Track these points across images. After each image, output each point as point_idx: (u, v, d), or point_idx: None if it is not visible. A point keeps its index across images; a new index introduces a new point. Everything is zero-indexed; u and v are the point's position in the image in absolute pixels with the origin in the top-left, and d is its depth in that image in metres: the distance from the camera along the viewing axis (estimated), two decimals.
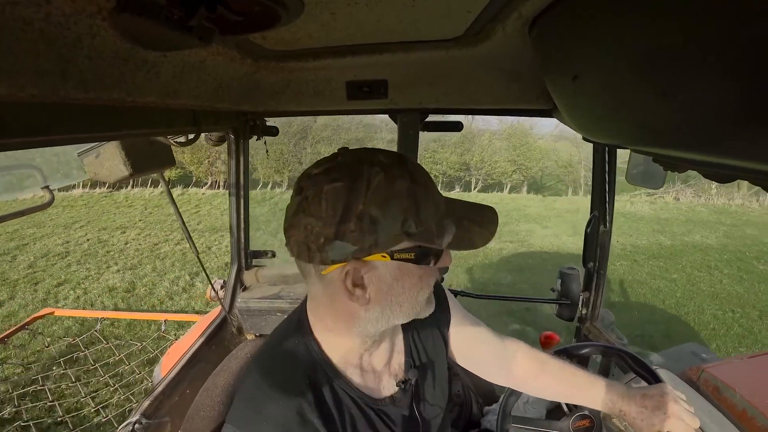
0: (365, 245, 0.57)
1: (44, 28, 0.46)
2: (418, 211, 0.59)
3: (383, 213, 0.56)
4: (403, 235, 0.58)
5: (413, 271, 0.63)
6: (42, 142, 0.60)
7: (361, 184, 0.57)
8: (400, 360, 0.80)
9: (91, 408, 2.85)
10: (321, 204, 0.57)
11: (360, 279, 0.61)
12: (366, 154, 0.62)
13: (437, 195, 0.65)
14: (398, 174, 0.59)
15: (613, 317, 1.82)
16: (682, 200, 12.98)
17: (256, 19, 0.55)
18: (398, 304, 0.65)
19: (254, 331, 1.77)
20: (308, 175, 0.62)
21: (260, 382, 0.69)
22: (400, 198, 0.58)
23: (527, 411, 1.28)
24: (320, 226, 0.57)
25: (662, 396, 0.86)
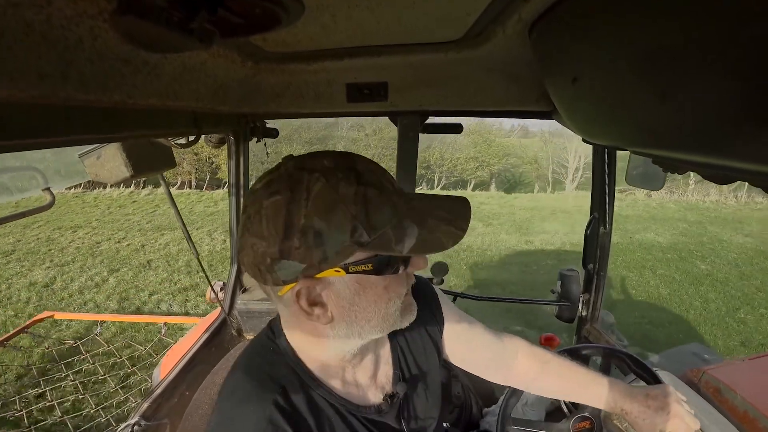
0: (314, 261, 0.53)
1: (45, 30, 0.46)
2: (369, 217, 0.53)
3: (327, 224, 0.52)
4: (354, 246, 0.53)
5: (376, 282, 0.58)
6: (43, 143, 0.60)
7: (300, 195, 0.52)
8: (388, 372, 0.76)
9: (91, 409, 2.84)
10: (262, 222, 0.53)
11: (317, 297, 0.57)
12: (309, 161, 0.56)
13: (394, 194, 0.58)
14: (342, 177, 0.54)
15: (614, 319, 1.82)
16: (654, 196, 12.97)
17: (257, 21, 0.55)
18: (365, 319, 0.60)
19: (254, 332, 1.77)
20: (251, 191, 0.58)
21: (233, 391, 0.66)
22: (345, 204, 0.52)
23: (527, 413, 1.28)
24: (264, 245, 0.53)
25: (666, 396, 0.85)
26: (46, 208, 0.99)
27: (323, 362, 0.68)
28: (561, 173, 17.02)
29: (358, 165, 0.57)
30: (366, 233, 0.53)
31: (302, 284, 0.56)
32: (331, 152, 0.59)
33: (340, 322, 0.60)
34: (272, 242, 0.53)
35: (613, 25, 0.44)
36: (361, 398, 0.71)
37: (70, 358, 3.35)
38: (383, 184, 0.57)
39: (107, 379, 3.16)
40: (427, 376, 0.82)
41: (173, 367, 1.44)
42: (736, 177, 0.41)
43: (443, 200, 0.63)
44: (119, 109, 0.71)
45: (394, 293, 0.61)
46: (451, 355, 0.92)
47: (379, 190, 0.55)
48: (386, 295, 0.60)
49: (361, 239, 0.53)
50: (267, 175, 0.58)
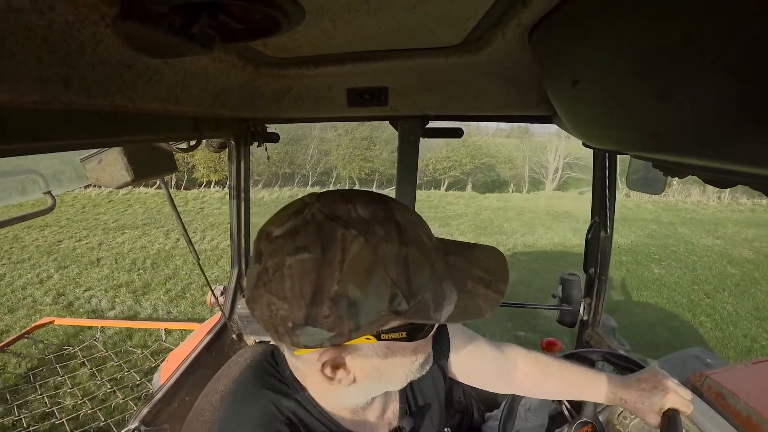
0: (344, 330, 0.47)
1: (47, 36, 0.46)
2: (410, 283, 0.47)
3: (364, 292, 0.45)
4: (391, 315, 0.47)
5: (406, 347, 0.54)
6: (44, 147, 0.60)
7: (333, 256, 0.45)
8: (395, 407, 0.74)
9: (91, 415, 2.83)
10: (284, 282, 0.46)
11: (341, 360, 0.53)
12: (341, 207, 0.48)
13: (432, 251, 0.52)
14: (383, 234, 0.47)
15: (615, 323, 1.82)
16: (633, 197, 12.88)
17: (258, 26, 0.55)
18: (388, 379, 0.57)
19: (255, 336, 1.77)
20: (267, 236, 0.50)
21: (236, 419, 0.62)
22: (385, 268, 0.46)
23: (529, 418, 1.27)
24: (285, 308, 0.46)
25: (654, 376, 0.89)
26: (47, 212, 0.99)
27: (334, 406, 0.65)
28: (541, 173, 16.93)
29: (397, 215, 0.50)
30: (405, 301, 0.47)
31: (328, 353, 0.51)
32: (363, 194, 0.52)
33: (362, 383, 0.56)
34: (296, 307, 0.46)
35: (613, 27, 0.44)
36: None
37: (68, 363, 3.35)
38: (422, 240, 0.51)
39: (106, 384, 3.14)
40: (432, 406, 0.81)
41: (173, 372, 1.43)
42: (737, 180, 0.41)
43: (479, 254, 0.59)
44: (120, 114, 0.71)
45: (422, 353, 0.58)
46: (457, 374, 0.93)
47: (419, 249, 0.49)
48: (414, 356, 0.57)
49: (399, 308, 0.47)
50: (288, 218, 0.49)
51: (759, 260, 7.27)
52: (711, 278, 6.31)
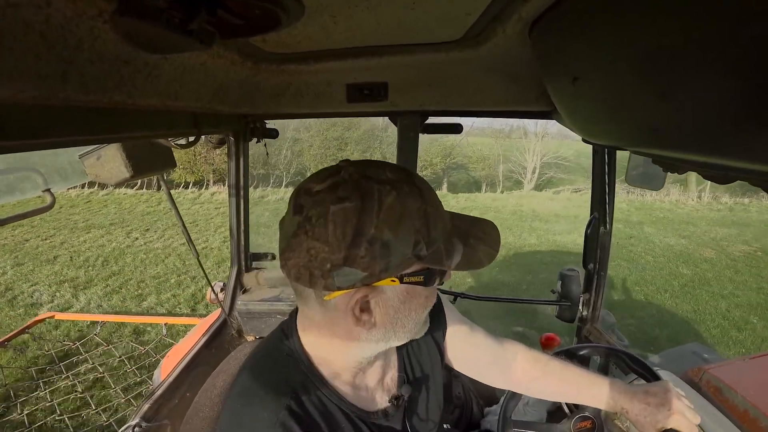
0: (375, 270, 0.53)
1: (45, 31, 0.46)
2: (429, 232, 0.56)
3: (395, 236, 0.53)
4: (414, 258, 0.55)
5: (420, 293, 0.61)
6: (43, 144, 0.60)
7: (372, 205, 0.52)
8: (394, 375, 0.78)
9: (91, 410, 2.84)
10: (327, 226, 0.52)
11: (366, 304, 0.58)
12: (372, 170, 0.57)
13: (444, 211, 0.62)
14: (409, 192, 0.55)
15: (614, 318, 1.82)
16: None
17: (257, 22, 0.55)
18: (402, 326, 0.62)
19: (254, 333, 1.77)
20: (308, 191, 0.56)
21: (245, 394, 0.66)
22: (411, 219, 0.54)
23: (528, 413, 1.28)
24: (326, 251, 0.52)
25: (665, 393, 0.85)
26: (46, 209, 0.99)
27: (338, 368, 0.68)
28: (519, 173, 16.85)
29: (416, 181, 0.59)
30: (426, 247, 0.55)
31: (360, 293, 0.57)
32: (385, 163, 0.60)
33: (379, 328, 0.61)
34: (337, 248, 0.52)
35: (614, 24, 0.44)
36: (370, 402, 0.72)
37: (69, 359, 3.35)
38: (436, 201, 0.60)
39: (107, 380, 3.15)
40: (430, 378, 0.83)
41: (174, 368, 1.44)
42: (736, 177, 0.41)
43: (477, 221, 0.69)
44: (119, 110, 0.71)
45: (429, 303, 0.65)
46: (453, 360, 0.93)
47: (434, 207, 0.59)
48: (425, 304, 0.64)
49: (421, 253, 0.55)
50: (327, 177, 0.56)
51: (719, 260, 7.10)
52: (658, 279, 6.14)
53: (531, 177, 16.34)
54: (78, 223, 8.56)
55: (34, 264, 6.11)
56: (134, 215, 9.40)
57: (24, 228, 7.94)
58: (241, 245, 1.74)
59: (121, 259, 6.41)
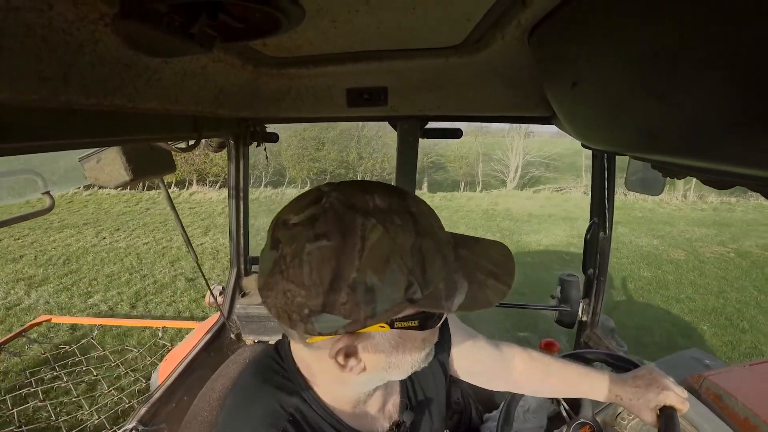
0: (360, 317, 0.47)
1: (47, 34, 0.46)
2: (425, 272, 0.49)
3: (381, 279, 0.46)
4: (406, 303, 0.49)
5: (416, 336, 0.56)
6: (43, 147, 0.60)
7: (353, 244, 0.46)
8: (396, 400, 0.75)
9: (86, 413, 2.82)
10: (303, 268, 0.46)
11: (353, 349, 0.53)
12: (359, 197, 0.50)
13: (445, 242, 0.54)
14: (400, 224, 0.48)
15: (613, 324, 1.82)
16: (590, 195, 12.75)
17: (257, 26, 0.55)
18: (396, 367, 0.58)
19: (253, 337, 1.76)
20: (285, 224, 0.50)
21: (240, 415, 0.62)
22: (402, 258, 0.47)
23: (528, 419, 1.27)
24: (303, 295, 0.47)
25: (650, 373, 0.90)
26: (46, 212, 0.99)
27: (336, 396, 0.65)
28: (502, 172, 16.74)
29: (412, 206, 0.51)
30: (420, 290, 0.49)
31: (343, 341, 0.52)
32: (379, 185, 0.53)
33: (371, 372, 0.57)
34: (314, 294, 0.47)
35: (612, 29, 0.44)
36: (370, 428, 0.70)
37: (66, 361, 3.34)
38: (435, 231, 0.53)
39: (103, 383, 3.14)
40: (433, 401, 0.81)
41: (172, 371, 1.43)
42: (736, 182, 0.41)
43: (487, 248, 0.60)
44: (120, 113, 0.71)
45: (428, 343, 0.59)
46: (458, 371, 0.93)
47: (433, 240, 0.51)
48: (422, 346, 0.58)
49: (414, 296, 0.49)
50: (306, 206, 0.50)
51: (686, 261, 6.96)
52: (615, 281, 5.99)
53: (514, 176, 16.26)
54: (53, 223, 8.59)
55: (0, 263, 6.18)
56: (110, 215, 9.43)
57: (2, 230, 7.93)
58: (240, 248, 1.73)
59: (83, 258, 6.49)
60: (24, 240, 7.34)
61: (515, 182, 16.03)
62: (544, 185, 14.66)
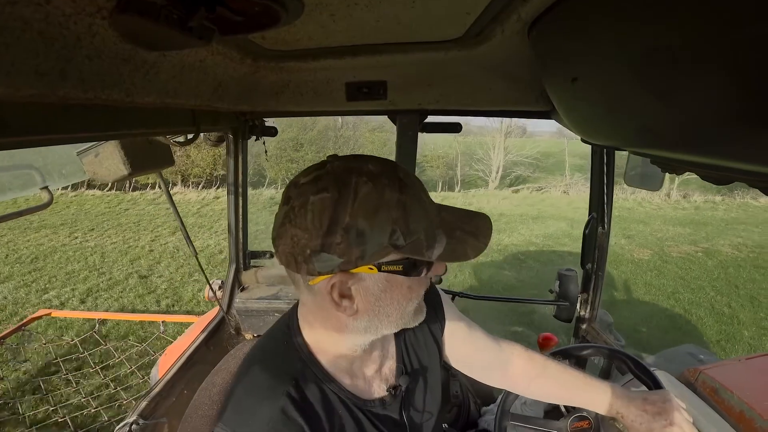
0: (352, 258, 0.56)
1: (44, 28, 0.46)
2: (408, 223, 0.57)
3: (370, 225, 0.55)
4: (390, 248, 0.57)
5: (402, 282, 0.62)
6: (41, 141, 0.60)
7: (347, 195, 0.55)
8: (392, 365, 0.80)
9: (90, 408, 2.84)
10: (307, 215, 0.56)
11: (347, 290, 0.61)
12: (356, 163, 0.60)
13: (429, 205, 0.63)
14: (387, 183, 0.57)
15: (612, 318, 1.83)
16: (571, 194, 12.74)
17: (256, 19, 0.55)
18: (386, 314, 0.64)
19: (252, 331, 1.77)
20: (295, 184, 0.60)
21: (248, 383, 0.68)
22: (388, 209, 0.56)
23: (525, 411, 1.28)
24: (306, 237, 0.56)
25: (664, 402, 0.85)
26: (44, 207, 0.99)
27: (335, 356, 0.70)
28: (484, 171, 16.72)
29: (400, 173, 0.60)
30: (403, 237, 0.57)
31: (337, 277, 0.59)
32: (374, 157, 0.62)
33: (362, 316, 0.63)
34: (315, 235, 0.55)
35: (612, 25, 0.44)
36: (367, 392, 0.74)
37: (67, 356, 3.35)
38: (420, 195, 0.61)
39: (104, 377, 3.15)
40: (428, 371, 0.84)
41: (171, 365, 1.44)
42: (734, 178, 0.41)
43: (469, 215, 0.68)
44: (118, 107, 0.70)
45: (415, 294, 0.66)
46: (450, 356, 0.93)
47: (416, 200, 0.60)
48: (409, 294, 0.64)
49: (398, 242, 0.57)
50: (313, 171, 0.60)
51: (650, 261, 6.79)
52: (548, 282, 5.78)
53: (496, 175, 16.21)
54: (33, 223, 8.60)
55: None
56: (88, 216, 9.45)
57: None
58: (239, 243, 1.73)
59: (50, 257, 6.56)
60: (0, 240, 7.37)
61: (497, 182, 15.98)
62: (524, 185, 14.63)
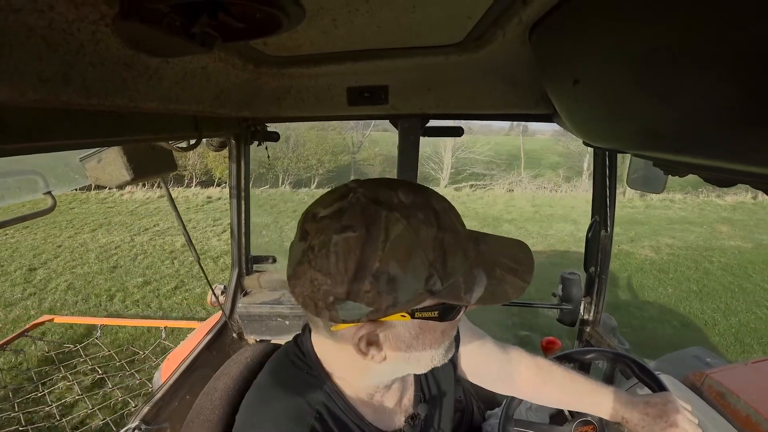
0: (382, 306, 0.50)
1: (47, 35, 0.46)
2: (446, 264, 0.51)
3: (404, 270, 0.49)
4: (426, 294, 0.51)
5: (435, 327, 0.57)
6: (44, 147, 0.60)
7: (377, 236, 0.48)
8: (411, 394, 0.77)
9: (89, 411, 2.84)
10: (329, 258, 0.49)
11: (375, 338, 0.55)
12: (384, 192, 0.52)
13: (465, 238, 0.56)
14: (423, 219, 0.51)
15: (615, 322, 1.81)
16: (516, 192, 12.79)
17: (258, 25, 0.55)
18: (416, 360, 0.59)
19: (255, 336, 1.77)
20: (314, 217, 0.53)
21: (267, 411, 0.64)
22: (424, 250, 0.50)
23: (530, 417, 1.27)
24: (329, 283, 0.50)
25: (665, 404, 0.85)
26: (47, 212, 0.99)
27: (356, 388, 0.66)
28: (436, 170, 16.64)
29: (435, 203, 0.54)
30: (440, 281, 0.51)
31: (365, 328, 0.54)
32: (403, 183, 0.56)
33: (390, 362, 0.58)
34: (339, 282, 0.49)
35: (613, 27, 0.44)
36: (388, 423, 0.71)
37: (69, 362, 3.35)
38: (457, 227, 0.55)
39: (107, 383, 3.15)
40: (445, 395, 0.83)
41: (174, 371, 1.43)
42: (736, 179, 0.41)
43: (507, 245, 0.63)
44: (120, 113, 0.71)
45: (448, 336, 0.61)
46: (464, 370, 0.94)
47: (454, 235, 0.53)
48: (441, 338, 0.59)
49: (434, 288, 0.51)
50: (334, 202, 0.53)
51: (544, 263, 6.57)
52: None
53: (446, 173, 16.12)
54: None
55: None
56: (64, 215, 9.37)
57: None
58: (241, 248, 1.73)
59: (12, 260, 6.49)
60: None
61: (446, 180, 15.87)
62: (469, 182, 14.56)
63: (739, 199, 11.89)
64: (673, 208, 11.30)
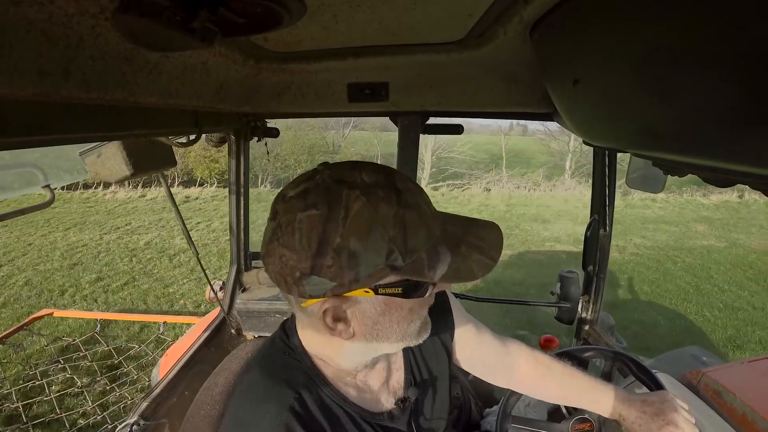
0: (345, 281, 0.51)
1: (47, 28, 0.46)
2: (406, 241, 0.52)
3: (364, 246, 0.50)
4: (388, 269, 0.52)
5: (402, 305, 0.58)
6: (43, 141, 0.60)
7: (338, 212, 0.50)
8: (400, 377, 0.77)
9: (89, 407, 2.84)
10: (294, 235, 0.51)
11: (342, 313, 0.57)
12: (348, 173, 0.54)
13: (431, 217, 0.57)
14: (383, 196, 0.52)
15: (613, 321, 1.82)
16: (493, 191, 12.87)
17: (258, 20, 0.55)
18: (386, 337, 0.60)
19: (254, 332, 1.77)
20: (283, 197, 0.56)
21: (249, 392, 0.65)
22: (384, 227, 0.51)
23: (528, 413, 1.28)
24: (294, 259, 0.52)
25: (662, 403, 0.85)
26: (45, 206, 0.99)
27: (338, 367, 0.67)
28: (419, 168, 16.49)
29: (398, 182, 0.55)
30: (401, 257, 0.52)
31: (330, 302, 0.55)
32: (370, 164, 0.57)
33: (360, 338, 0.59)
34: (303, 257, 0.51)
35: (614, 26, 0.44)
36: (374, 404, 0.71)
37: (68, 356, 3.35)
38: (421, 206, 0.56)
39: (105, 377, 3.15)
40: (437, 380, 0.82)
41: (172, 366, 1.44)
42: (736, 180, 0.41)
43: (476, 225, 0.63)
44: (120, 108, 0.71)
45: (417, 315, 0.61)
46: (460, 359, 0.93)
47: (417, 213, 0.54)
48: (409, 316, 0.60)
49: (396, 263, 0.52)
50: (302, 183, 0.55)
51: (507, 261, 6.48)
52: None
53: (426, 173, 15.85)
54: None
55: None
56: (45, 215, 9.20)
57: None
58: (240, 244, 1.73)
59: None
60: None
61: (427, 179, 15.67)
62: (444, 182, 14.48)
63: (723, 198, 11.60)
64: (652, 207, 11.07)
